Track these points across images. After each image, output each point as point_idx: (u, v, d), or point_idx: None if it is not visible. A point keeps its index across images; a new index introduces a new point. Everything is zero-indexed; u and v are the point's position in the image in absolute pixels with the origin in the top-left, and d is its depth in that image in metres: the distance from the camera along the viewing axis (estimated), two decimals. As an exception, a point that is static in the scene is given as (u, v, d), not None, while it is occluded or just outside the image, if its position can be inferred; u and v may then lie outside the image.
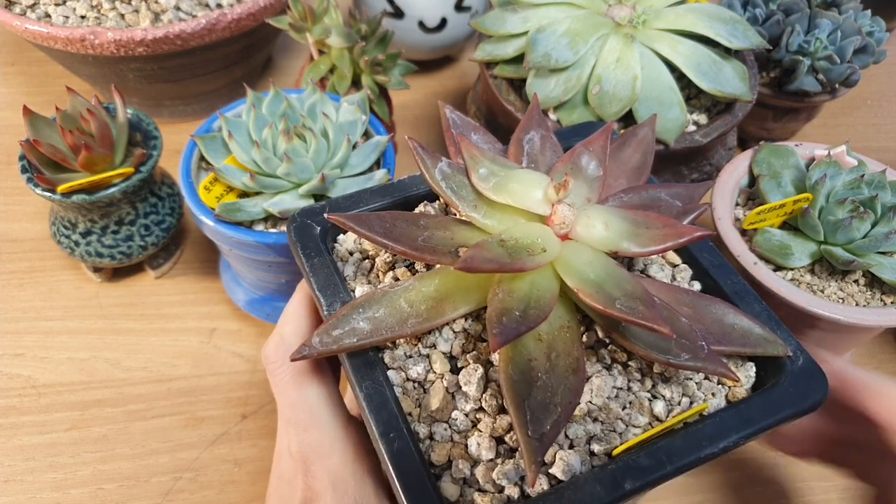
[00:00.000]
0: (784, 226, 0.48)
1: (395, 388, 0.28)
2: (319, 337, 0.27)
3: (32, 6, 0.60)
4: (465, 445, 0.27)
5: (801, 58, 0.60)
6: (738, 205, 0.51)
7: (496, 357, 0.28)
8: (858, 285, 0.46)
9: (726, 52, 0.55)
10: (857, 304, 0.45)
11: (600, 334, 0.29)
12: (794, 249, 0.46)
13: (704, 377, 0.29)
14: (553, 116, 0.53)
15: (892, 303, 0.45)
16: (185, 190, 0.46)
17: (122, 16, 0.60)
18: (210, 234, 0.47)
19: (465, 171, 0.30)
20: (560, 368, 0.25)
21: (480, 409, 0.27)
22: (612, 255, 0.28)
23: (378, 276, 0.32)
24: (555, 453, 0.26)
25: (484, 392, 0.27)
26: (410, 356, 0.29)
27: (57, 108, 0.47)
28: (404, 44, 0.71)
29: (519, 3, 0.56)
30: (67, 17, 0.59)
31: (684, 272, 0.33)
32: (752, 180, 0.51)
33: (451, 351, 0.29)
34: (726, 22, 0.54)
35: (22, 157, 0.48)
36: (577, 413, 0.27)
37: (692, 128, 0.54)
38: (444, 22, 0.70)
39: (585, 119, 0.52)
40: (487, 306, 0.25)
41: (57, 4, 0.60)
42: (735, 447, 0.26)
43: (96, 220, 0.51)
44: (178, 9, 0.61)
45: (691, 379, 0.29)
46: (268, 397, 0.51)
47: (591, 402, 0.27)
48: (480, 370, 0.27)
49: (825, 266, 0.46)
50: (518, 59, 0.55)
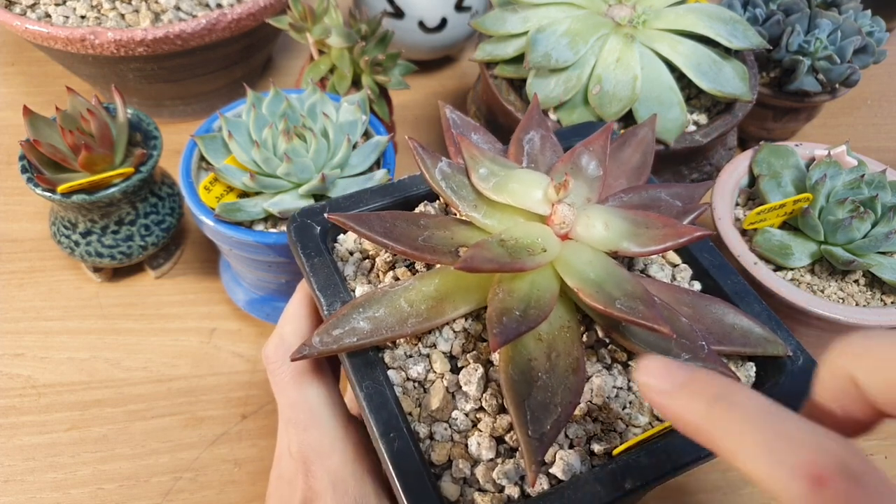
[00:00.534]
0: (784, 226, 0.48)
1: (395, 387, 0.28)
2: (319, 336, 0.27)
3: (32, 6, 0.60)
4: (466, 445, 0.27)
5: (801, 58, 0.60)
6: (738, 205, 0.51)
7: (496, 357, 0.28)
8: (858, 285, 0.46)
9: (726, 52, 0.55)
10: (857, 304, 0.45)
11: (600, 334, 0.29)
12: (794, 249, 0.46)
13: None
14: (553, 116, 0.53)
15: (892, 303, 0.45)
16: (185, 190, 0.46)
17: (122, 16, 0.60)
18: (210, 234, 0.47)
19: (466, 171, 0.30)
20: (560, 368, 0.25)
21: (481, 408, 0.27)
22: (612, 254, 0.28)
23: (378, 276, 0.32)
24: (555, 453, 0.26)
25: (484, 392, 0.27)
26: (410, 356, 0.29)
27: (57, 108, 0.47)
28: (404, 44, 0.71)
29: (519, 3, 0.56)
30: (67, 17, 0.59)
31: (684, 272, 0.33)
32: (752, 180, 0.51)
33: (452, 351, 0.29)
34: (726, 22, 0.54)
35: (22, 157, 0.48)
36: (577, 413, 0.27)
37: (692, 128, 0.54)
38: (444, 22, 0.70)
39: (585, 119, 0.52)
40: (487, 306, 0.25)
41: (57, 4, 0.60)
42: None
43: (96, 220, 0.51)
44: (178, 9, 0.61)
45: (692, 378, 0.29)
46: (268, 397, 0.51)
47: (591, 401, 0.27)
48: (481, 370, 0.27)
49: (825, 266, 0.46)
50: (518, 59, 0.55)
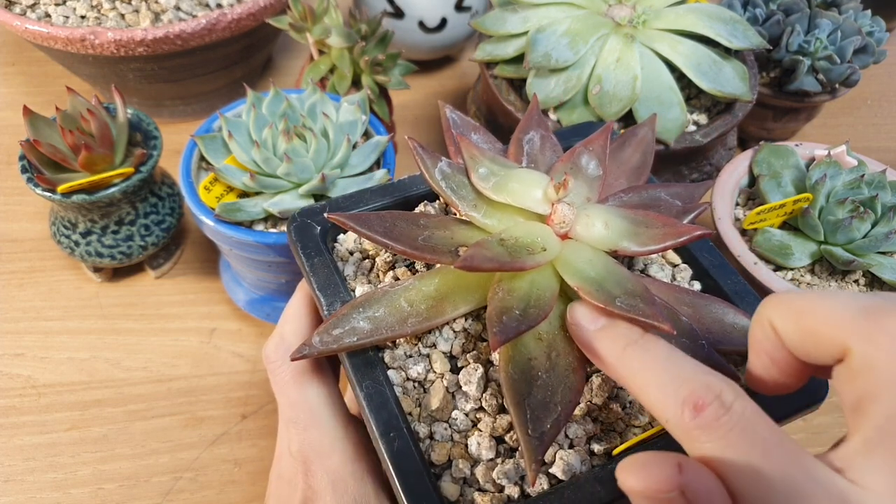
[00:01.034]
0: (784, 226, 0.48)
1: (395, 387, 0.28)
2: (319, 336, 0.27)
3: (32, 6, 0.60)
4: (466, 445, 0.27)
5: (801, 58, 0.60)
6: (738, 205, 0.51)
7: (496, 357, 0.28)
8: (858, 285, 0.46)
9: (726, 52, 0.55)
10: (857, 304, 0.45)
11: None
12: (795, 249, 0.46)
13: None
14: (553, 116, 0.53)
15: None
16: (186, 190, 0.46)
17: (122, 16, 0.60)
18: (210, 234, 0.47)
19: (465, 171, 0.30)
20: (560, 367, 0.25)
21: (480, 408, 0.27)
22: (612, 254, 0.28)
23: (378, 276, 0.32)
24: (555, 453, 0.26)
25: (484, 392, 0.27)
26: (410, 356, 0.29)
27: (57, 108, 0.47)
28: (404, 44, 0.71)
29: (519, 3, 0.56)
30: (67, 17, 0.59)
31: (684, 272, 0.33)
32: (752, 180, 0.51)
33: (452, 350, 0.29)
34: (726, 22, 0.54)
35: (22, 157, 0.48)
36: (577, 413, 0.27)
37: (692, 128, 0.54)
38: (444, 22, 0.70)
39: (585, 119, 0.52)
40: (487, 305, 0.25)
41: (57, 4, 0.60)
42: None
43: (96, 220, 0.51)
44: (178, 9, 0.61)
45: (692, 377, 0.29)
46: (268, 397, 0.51)
47: (591, 401, 0.27)
48: (480, 370, 0.27)
49: (825, 266, 0.46)
50: (518, 59, 0.55)
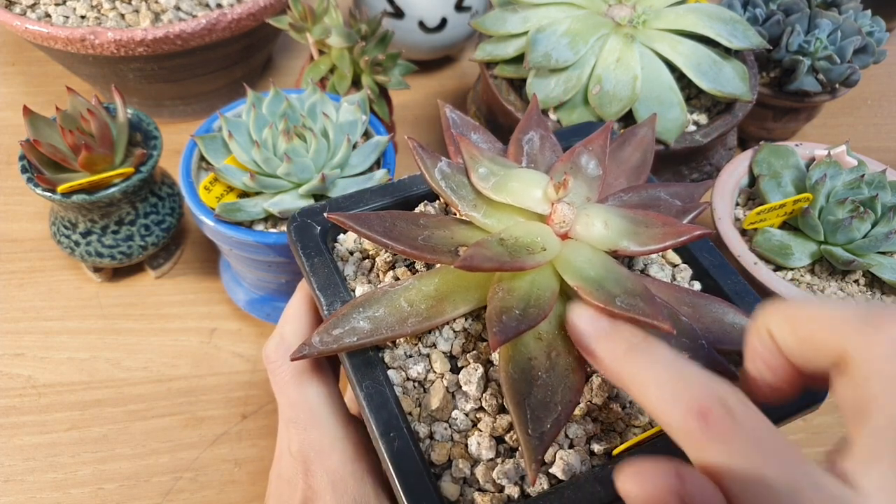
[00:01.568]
0: (784, 226, 0.48)
1: (395, 387, 0.28)
2: (319, 336, 0.27)
3: (32, 6, 0.60)
4: (466, 445, 0.27)
5: (801, 58, 0.60)
6: (738, 205, 0.51)
7: (496, 356, 0.28)
8: (858, 285, 0.46)
9: (726, 52, 0.55)
10: (857, 304, 0.45)
11: None
12: (795, 249, 0.46)
13: None
14: (553, 116, 0.53)
15: (892, 303, 0.45)
16: (186, 190, 0.46)
17: (123, 16, 0.60)
18: (210, 234, 0.47)
19: (465, 171, 0.30)
20: (560, 367, 0.25)
21: (480, 408, 0.27)
22: (612, 253, 0.28)
23: (378, 276, 0.32)
24: (555, 453, 0.26)
25: (484, 392, 0.27)
26: (410, 356, 0.29)
27: (57, 108, 0.47)
28: (404, 44, 0.71)
29: (519, 3, 0.56)
30: (67, 17, 0.59)
31: (684, 272, 0.33)
32: (752, 180, 0.51)
33: (452, 350, 0.29)
34: (726, 22, 0.54)
35: (22, 157, 0.48)
36: (577, 413, 0.27)
37: (692, 128, 0.54)
38: (444, 22, 0.70)
39: (585, 119, 0.52)
40: (487, 305, 0.25)
41: (57, 4, 0.60)
42: None
43: (96, 220, 0.51)
44: (178, 9, 0.61)
45: (692, 377, 0.29)
46: (268, 397, 0.51)
47: (591, 401, 0.27)
48: (480, 370, 0.27)
49: (825, 266, 0.46)
50: (518, 59, 0.55)
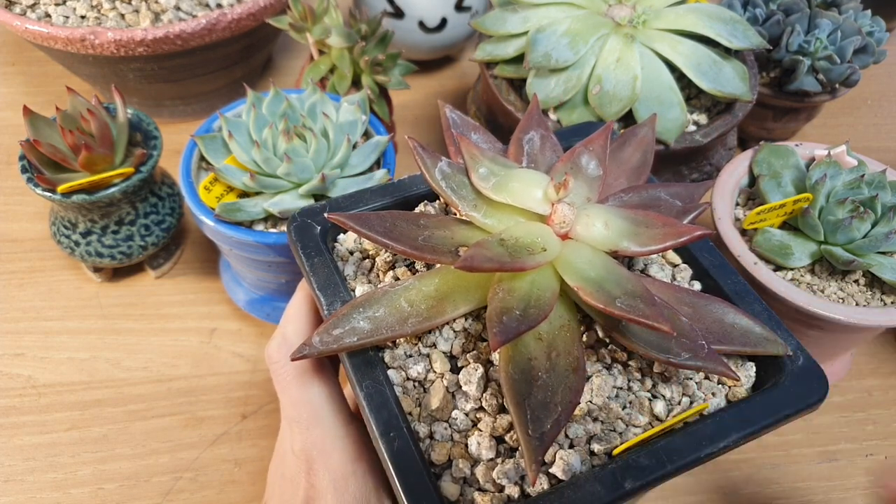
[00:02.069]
0: (784, 226, 0.48)
1: (395, 387, 0.27)
2: (320, 336, 0.27)
3: (32, 6, 0.60)
4: (466, 445, 0.26)
5: (801, 58, 0.60)
6: (738, 205, 0.51)
7: (496, 356, 0.28)
8: (858, 285, 0.46)
9: (726, 52, 0.55)
10: (857, 304, 0.44)
11: (600, 334, 0.29)
12: (794, 249, 0.46)
13: (704, 377, 0.29)
14: (553, 116, 0.53)
15: (892, 303, 0.45)
16: (186, 190, 0.46)
17: (123, 16, 0.60)
18: (210, 234, 0.47)
19: (465, 171, 0.30)
20: (560, 367, 0.25)
21: (480, 408, 0.27)
22: (612, 254, 0.28)
23: (378, 276, 0.32)
24: (555, 453, 0.26)
25: (484, 391, 0.27)
26: (410, 355, 0.29)
27: (57, 108, 0.47)
28: (404, 44, 0.71)
29: (519, 3, 0.55)
30: (67, 17, 0.59)
31: (684, 272, 0.33)
32: (752, 180, 0.51)
33: (452, 350, 0.29)
34: (726, 22, 0.54)
35: (22, 157, 0.48)
36: (578, 413, 0.27)
37: (692, 128, 0.54)
38: (444, 22, 0.70)
39: (585, 119, 0.52)
40: (488, 305, 0.25)
41: (57, 4, 0.60)
42: (735, 447, 0.26)
43: (96, 220, 0.51)
44: (178, 9, 0.61)
45: (691, 378, 0.29)
46: (268, 397, 0.51)
47: (591, 401, 0.27)
48: (481, 370, 0.27)
49: (825, 266, 0.46)
50: (518, 59, 0.55)
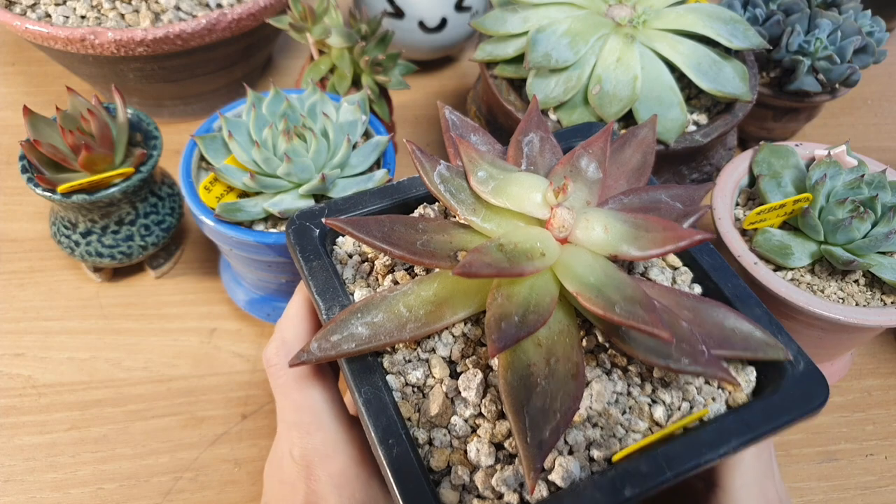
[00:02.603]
0: (784, 226, 0.48)
1: (394, 392, 0.27)
2: (318, 342, 0.27)
3: (33, 6, 0.59)
4: (465, 451, 0.26)
5: (801, 58, 0.60)
6: (738, 205, 0.51)
7: (495, 362, 0.27)
8: (858, 285, 0.45)
9: (726, 52, 0.55)
10: (857, 304, 0.44)
11: (600, 339, 0.29)
12: (794, 249, 0.45)
13: (705, 382, 0.29)
14: (553, 116, 0.53)
15: (892, 303, 0.45)
16: (186, 190, 0.46)
17: (123, 16, 0.60)
18: (210, 234, 0.46)
19: (464, 174, 0.30)
20: (559, 374, 0.25)
21: (480, 414, 0.27)
22: (612, 258, 0.27)
23: (377, 280, 0.31)
24: (554, 459, 0.25)
25: (483, 397, 0.27)
26: (409, 360, 0.28)
27: (57, 108, 0.47)
28: (404, 44, 0.71)
29: (519, 3, 0.55)
30: (67, 17, 0.59)
31: (685, 275, 0.33)
32: (752, 180, 0.51)
33: (451, 356, 0.28)
34: (726, 22, 0.54)
35: (22, 157, 0.48)
36: (577, 419, 0.27)
37: (692, 128, 0.53)
38: (444, 22, 0.70)
39: (585, 119, 0.52)
40: (486, 311, 0.25)
41: (57, 4, 0.60)
42: (734, 453, 0.26)
43: (96, 219, 0.51)
44: (178, 9, 0.60)
45: (691, 384, 0.28)
46: (268, 397, 0.51)
47: (590, 407, 0.27)
48: (480, 375, 0.27)
49: (825, 266, 0.46)
50: (518, 59, 0.54)
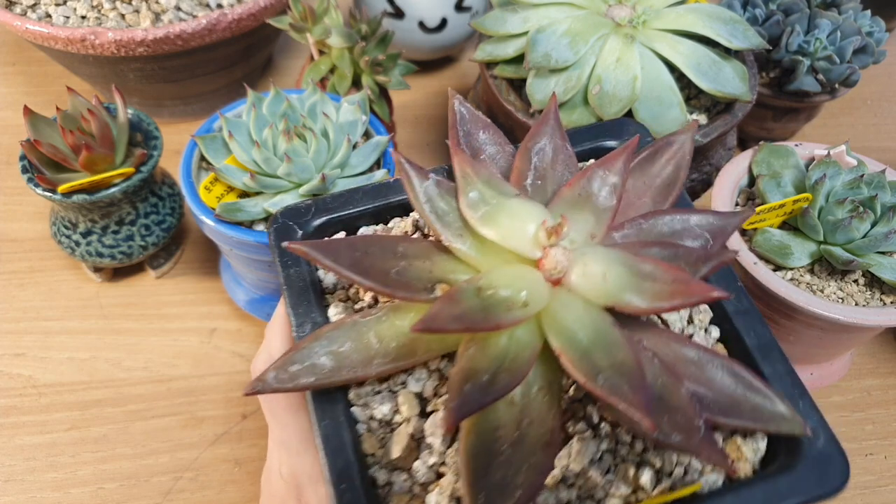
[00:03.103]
0: (784, 226, 0.48)
1: (359, 425, 0.24)
2: (276, 372, 0.24)
3: (33, 6, 0.58)
4: (424, 501, 0.23)
5: (800, 58, 0.59)
6: (737, 205, 0.50)
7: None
8: (858, 285, 0.45)
9: (726, 52, 0.54)
10: (856, 304, 0.44)
11: None
12: (794, 249, 0.45)
13: None
14: (553, 116, 0.53)
15: (891, 302, 0.44)
16: (186, 190, 0.46)
17: (123, 16, 0.59)
18: (210, 234, 0.46)
19: (455, 191, 0.26)
20: (529, 440, 0.22)
21: (444, 463, 0.24)
22: (610, 309, 0.23)
23: (358, 291, 0.29)
24: None
25: (450, 447, 0.24)
26: (379, 391, 0.25)
27: (57, 108, 0.46)
28: (404, 44, 0.70)
29: (519, 4, 0.54)
30: (68, 18, 0.58)
31: (703, 314, 0.28)
32: (752, 180, 0.51)
33: (423, 392, 0.25)
34: (726, 22, 0.53)
35: (22, 157, 0.47)
36: (550, 481, 0.23)
37: (692, 128, 0.53)
38: (444, 22, 0.69)
39: (585, 119, 0.51)
40: (455, 361, 0.22)
41: (57, 4, 0.58)
42: None
43: (97, 220, 0.50)
44: (178, 9, 0.59)
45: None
46: (268, 397, 0.51)
47: (567, 467, 0.23)
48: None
49: (825, 266, 0.46)
50: (518, 60, 0.54)
